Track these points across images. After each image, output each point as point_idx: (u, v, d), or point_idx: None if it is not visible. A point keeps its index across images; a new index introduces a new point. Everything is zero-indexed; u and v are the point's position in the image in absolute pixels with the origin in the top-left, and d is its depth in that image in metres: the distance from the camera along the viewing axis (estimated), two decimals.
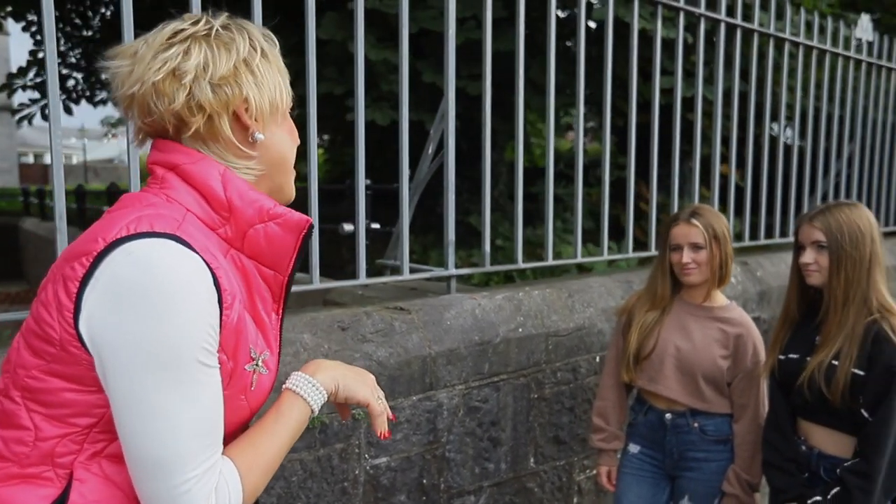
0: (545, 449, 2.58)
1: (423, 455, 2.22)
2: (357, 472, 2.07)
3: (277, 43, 1.00)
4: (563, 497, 2.66)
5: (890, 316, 1.81)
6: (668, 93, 3.58)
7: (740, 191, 3.95)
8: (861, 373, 1.79)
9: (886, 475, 1.75)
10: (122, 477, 0.86)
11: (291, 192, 1.03)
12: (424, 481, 2.23)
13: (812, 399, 1.86)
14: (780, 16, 3.81)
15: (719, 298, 2.31)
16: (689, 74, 4.14)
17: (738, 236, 3.78)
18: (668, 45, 4.14)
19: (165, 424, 0.81)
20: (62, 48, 8.22)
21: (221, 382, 0.87)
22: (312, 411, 0.98)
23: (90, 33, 8.45)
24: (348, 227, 3.02)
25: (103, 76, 0.94)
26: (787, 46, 3.88)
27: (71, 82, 8.25)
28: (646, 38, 3.63)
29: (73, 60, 8.39)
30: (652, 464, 2.32)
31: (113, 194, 7.09)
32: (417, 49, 5.51)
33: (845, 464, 1.82)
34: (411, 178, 2.62)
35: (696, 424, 2.23)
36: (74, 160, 35.31)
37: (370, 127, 5.50)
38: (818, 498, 1.83)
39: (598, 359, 2.70)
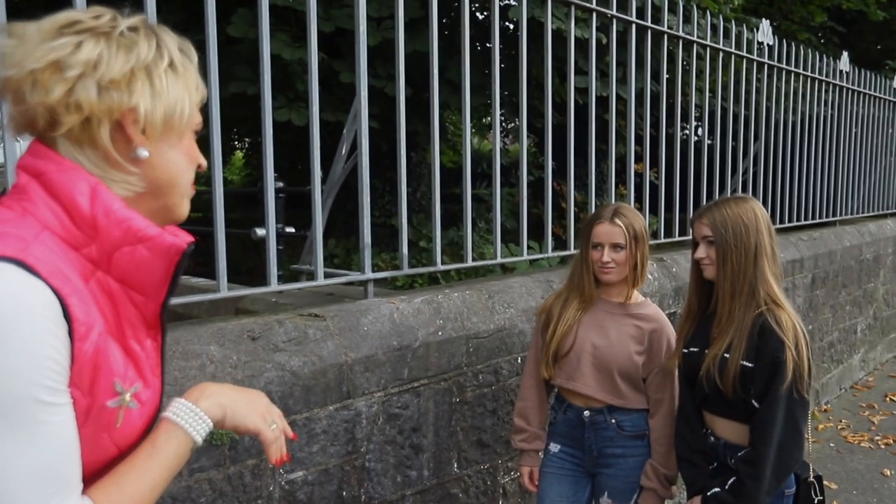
0: (468, 453, 2.54)
1: (342, 466, 2.13)
2: (272, 488, 1.97)
3: (195, 58, 0.91)
4: (488, 501, 2.63)
5: (776, 308, 1.87)
6: (583, 93, 3.61)
7: (655, 189, 4.05)
8: (750, 364, 1.84)
9: (775, 462, 1.80)
10: None
11: (182, 213, 0.93)
12: (344, 493, 2.15)
13: (710, 391, 1.91)
14: (687, 19, 3.92)
15: (634, 296, 2.33)
16: (604, 75, 4.21)
17: (655, 234, 3.86)
18: (582, 45, 4.21)
19: (6, 471, 0.71)
20: None
21: (76, 420, 0.77)
22: (194, 442, 0.89)
23: None
24: (261, 231, 2.90)
25: None
26: (695, 48, 4.00)
27: None
28: (561, 39, 3.66)
29: None
30: (572, 462, 2.32)
31: None
32: (334, 48, 5.40)
33: (738, 453, 1.87)
34: (325, 180, 2.53)
35: (613, 421, 2.25)
36: None
37: (287, 127, 5.38)
38: (717, 489, 1.87)
39: (519, 360, 2.69)
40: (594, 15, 3.29)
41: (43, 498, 0.73)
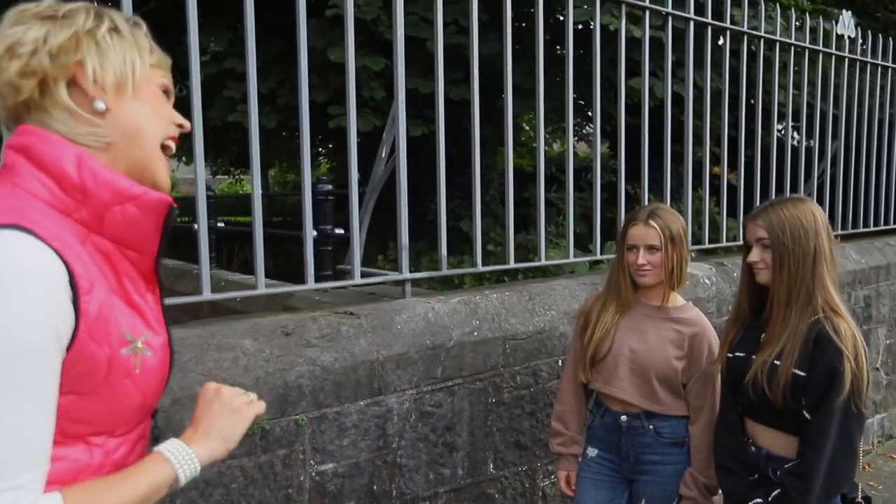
0: (505, 454, 2.54)
1: (373, 461, 2.19)
2: (302, 478, 2.04)
3: (144, 28, 1.00)
4: (526, 503, 2.62)
5: (834, 316, 1.77)
6: (656, 94, 3.57)
7: (734, 190, 3.93)
8: (802, 374, 1.75)
9: (826, 477, 1.71)
10: None
11: (161, 178, 0.99)
12: (375, 488, 2.20)
13: (756, 399, 1.83)
14: (769, 18, 3.84)
15: (675, 299, 2.27)
16: (678, 76, 4.14)
17: (734, 238, 3.78)
18: (656, 46, 4.15)
19: None
20: None
21: (98, 372, 0.85)
22: (178, 480, 0.95)
23: None
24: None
25: None
26: (777, 46, 3.90)
27: None
28: (634, 42, 3.63)
29: None
30: (609, 467, 2.28)
31: None
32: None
33: (786, 465, 1.78)
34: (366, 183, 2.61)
35: (650, 426, 2.20)
36: None
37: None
38: (759, 500, 1.79)
39: (560, 362, 2.67)
40: (669, 19, 3.28)
41: (10, 463, 0.78)
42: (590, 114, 8.25)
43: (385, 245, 6.39)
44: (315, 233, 2.96)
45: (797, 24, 4.13)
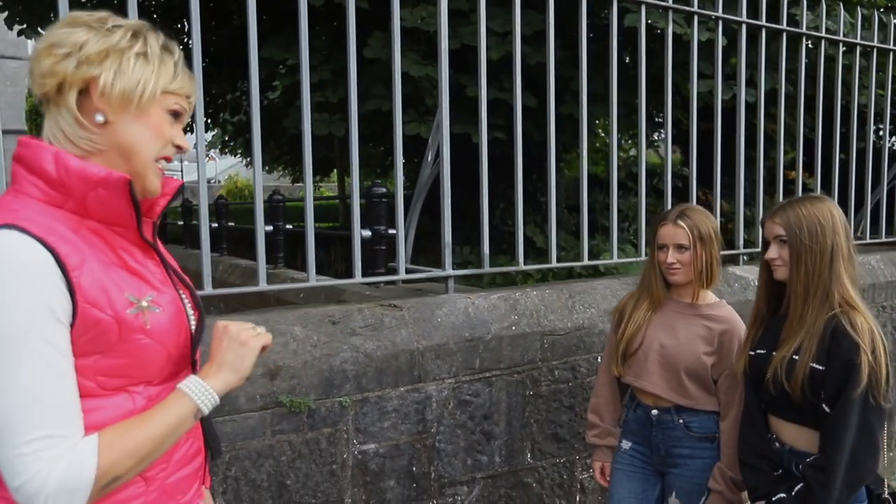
0: (543, 445, 2.65)
1: (413, 444, 2.34)
2: (345, 456, 2.22)
3: (177, 55, 1.15)
4: (564, 494, 2.72)
5: (851, 310, 1.80)
6: (724, 99, 3.61)
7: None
8: (820, 367, 1.79)
9: (847, 469, 1.73)
10: None
11: (152, 186, 1.13)
12: (414, 469, 2.35)
13: (777, 394, 1.87)
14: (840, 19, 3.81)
15: (708, 297, 2.33)
16: (752, 84, 4.15)
17: None
18: (729, 51, 4.17)
19: (1, 394, 0.92)
20: None
21: (110, 332, 1.01)
22: (199, 410, 1.09)
23: None
24: (365, 233, 3.21)
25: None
26: (857, 50, 3.88)
27: None
28: (708, 47, 3.69)
29: None
30: (642, 460, 2.36)
31: (221, 206, 7.71)
32: (460, 64, 5.69)
33: (807, 459, 1.82)
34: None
35: (680, 421, 2.26)
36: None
37: (416, 140, 5.73)
38: (783, 495, 1.83)
39: (598, 359, 2.75)
40: (743, 27, 3.37)
41: (37, 417, 0.93)
42: (658, 120, 8.18)
43: (458, 250, 6.57)
44: (369, 233, 3.16)
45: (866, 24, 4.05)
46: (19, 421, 0.93)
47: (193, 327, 1.17)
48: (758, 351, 1.99)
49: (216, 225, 7.01)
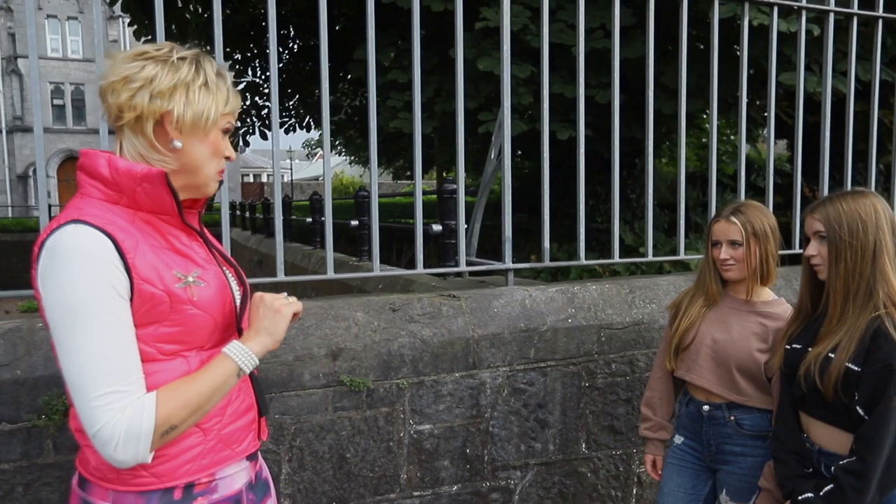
0: (598, 437, 2.70)
1: (467, 427, 2.47)
2: (402, 434, 2.38)
3: (229, 80, 1.33)
4: (620, 486, 2.76)
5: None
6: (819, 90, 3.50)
7: None
8: (856, 368, 1.76)
9: (882, 474, 1.71)
10: None
11: (210, 191, 1.34)
12: (468, 451, 2.48)
13: (807, 391, 1.85)
14: None
15: (765, 294, 2.31)
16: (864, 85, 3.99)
17: None
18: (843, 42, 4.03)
19: (77, 356, 1.11)
20: (257, 79, 9.51)
21: (163, 304, 1.20)
22: (241, 370, 1.26)
23: (281, 65, 9.68)
24: (436, 227, 3.36)
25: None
26: None
27: (265, 110, 9.50)
28: (816, 41, 3.60)
29: (267, 90, 9.64)
30: (693, 455, 2.37)
31: (314, 202, 8.28)
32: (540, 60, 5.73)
33: (841, 461, 1.79)
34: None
35: (732, 418, 2.26)
36: (284, 178, 39.72)
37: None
38: (810, 494, 1.81)
39: None
40: (854, 19, 3.30)
41: (108, 373, 1.12)
42: (763, 114, 7.86)
43: (537, 243, 6.64)
44: (440, 227, 3.31)
45: None
46: (93, 378, 1.13)
47: (239, 300, 1.35)
48: (794, 346, 1.97)
49: (310, 220, 7.39)
